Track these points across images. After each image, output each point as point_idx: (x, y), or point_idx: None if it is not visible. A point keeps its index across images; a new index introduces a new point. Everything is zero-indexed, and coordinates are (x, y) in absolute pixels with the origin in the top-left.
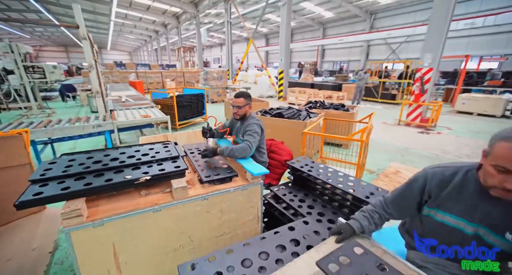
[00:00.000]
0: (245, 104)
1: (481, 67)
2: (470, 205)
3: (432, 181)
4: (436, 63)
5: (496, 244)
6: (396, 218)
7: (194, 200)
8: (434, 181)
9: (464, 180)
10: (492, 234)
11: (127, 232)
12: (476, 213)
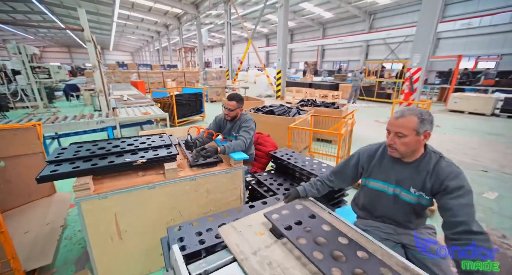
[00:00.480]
0: (237, 108)
1: (479, 67)
2: (388, 171)
3: (363, 156)
4: (425, 63)
5: (407, 198)
6: (337, 186)
7: (183, 180)
8: (364, 157)
9: (383, 152)
10: (403, 190)
11: (126, 205)
12: (392, 176)
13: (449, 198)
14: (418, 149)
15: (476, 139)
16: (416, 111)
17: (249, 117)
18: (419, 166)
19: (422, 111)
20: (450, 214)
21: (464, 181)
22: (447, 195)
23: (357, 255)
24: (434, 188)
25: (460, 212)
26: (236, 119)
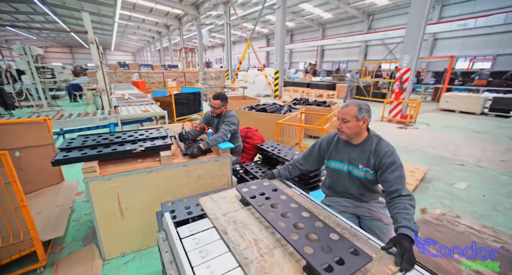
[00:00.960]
0: (221, 106)
1: (475, 67)
2: (342, 153)
3: (324, 142)
4: (414, 64)
5: (357, 174)
6: (306, 168)
7: (176, 166)
8: (325, 142)
9: (338, 138)
10: (354, 167)
11: (127, 186)
12: (345, 157)
13: (387, 173)
14: (361, 132)
15: (461, 136)
16: (356, 103)
17: (232, 113)
18: (364, 147)
19: (361, 103)
20: (388, 185)
21: (396, 158)
22: (385, 170)
23: (301, 215)
24: (375, 164)
25: (394, 183)
26: (222, 115)
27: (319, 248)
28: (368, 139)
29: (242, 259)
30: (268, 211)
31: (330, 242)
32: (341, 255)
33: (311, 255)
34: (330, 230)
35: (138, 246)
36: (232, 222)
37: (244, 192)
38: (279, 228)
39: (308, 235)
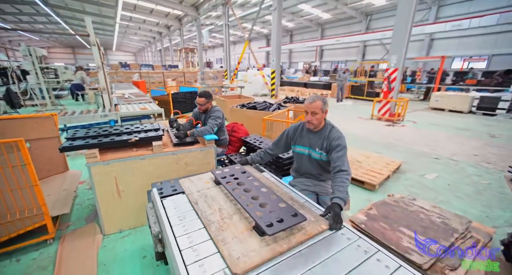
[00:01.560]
0: (206, 103)
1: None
2: (305, 138)
3: (291, 131)
4: (401, 64)
5: (315, 156)
6: (275, 154)
7: (166, 154)
8: (291, 130)
9: (302, 127)
10: (313, 151)
11: (123, 171)
12: (307, 142)
13: (333, 153)
14: (322, 122)
15: (443, 133)
16: (320, 97)
17: (217, 108)
18: (321, 133)
19: (323, 97)
20: (332, 162)
21: (342, 142)
22: (332, 151)
23: (260, 190)
24: (327, 147)
25: (337, 160)
26: (208, 111)
27: (267, 212)
28: (324, 127)
29: (206, 221)
30: (234, 188)
31: (277, 208)
32: (282, 216)
33: (259, 217)
34: (280, 201)
35: (133, 223)
36: (203, 196)
37: (217, 174)
38: (239, 199)
39: (261, 203)
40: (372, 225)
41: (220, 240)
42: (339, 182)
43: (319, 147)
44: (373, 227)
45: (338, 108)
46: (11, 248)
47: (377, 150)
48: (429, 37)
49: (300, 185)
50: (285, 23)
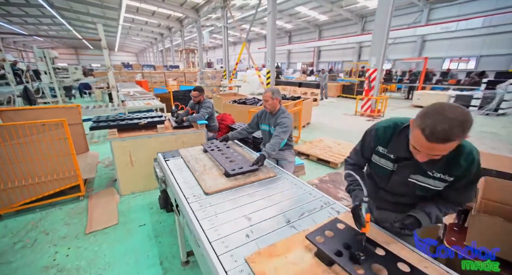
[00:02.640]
0: (198, 95)
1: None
2: (266, 119)
3: (259, 114)
4: (380, 65)
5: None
6: (250, 130)
7: (168, 135)
8: (259, 114)
9: (265, 111)
10: (271, 128)
11: (135, 146)
12: (267, 121)
13: (278, 128)
14: (276, 107)
15: None
16: (271, 89)
17: (207, 100)
18: (276, 115)
19: (274, 89)
20: (274, 136)
21: (286, 121)
22: (277, 125)
23: (234, 155)
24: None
25: (279, 129)
26: (201, 102)
27: (233, 164)
28: (278, 111)
29: (194, 171)
30: (216, 154)
31: (241, 162)
32: (243, 167)
33: (228, 166)
34: (245, 160)
35: (143, 187)
36: (194, 158)
37: (205, 145)
38: (217, 158)
39: (231, 161)
40: (321, 185)
41: (201, 179)
42: (271, 142)
43: (273, 124)
44: (321, 186)
45: (325, 106)
46: (55, 200)
47: (351, 140)
48: (421, 39)
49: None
50: (283, 25)
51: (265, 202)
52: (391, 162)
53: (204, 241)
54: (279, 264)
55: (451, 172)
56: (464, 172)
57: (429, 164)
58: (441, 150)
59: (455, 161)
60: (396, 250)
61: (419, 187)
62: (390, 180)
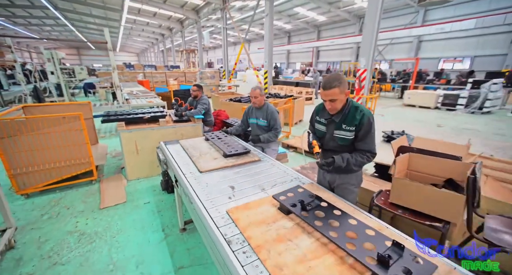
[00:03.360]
0: (197, 90)
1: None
2: (253, 113)
3: (247, 109)
4: (370, 65)
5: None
6: (244, 126)
7: (169, 127)
8: (247, 109)
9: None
10: (259, 120)
11: (140, 137)
12: (255, 115)
13: (271, 120)
14: (262, 102)
15: (401, 123)
16: (258, 87)
17: (204, 97)
18: (262, 109)
19: (260, 87)
20: (270, 125)
21: (274, 113)
22: (270, 119)
23: (231, 142)
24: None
25: (271, 123)
26: (198, 98)
27: (230, 148)
28: (264, 105)
29: (191, 156)
30: (216, 141)
31: (236, 147)
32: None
33: (226, 149)
34: (237, 144)
35: (146, 174)
36: (192, 147)
37: (207, 135)
38: (217, 144)
39: (227, 145)
40: (302, 171)
41: (197, 162)
42: (269, 133)
43: (263, 117)
44: (301, 171)
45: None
46: (72, 183)
47: None
48: (417, 39)
49: (251, 143)
50: (283, 25)
51: (246, 177)
52: (323, 125)
53: (196, 200)
54: (250, 214)
55: (353, 123)
56: (359, 123)
57: (339, 120)
58: (330, 94)
59: (353, 116)
60: (337, 204)
61: (339, 138)
62: (325, 138)
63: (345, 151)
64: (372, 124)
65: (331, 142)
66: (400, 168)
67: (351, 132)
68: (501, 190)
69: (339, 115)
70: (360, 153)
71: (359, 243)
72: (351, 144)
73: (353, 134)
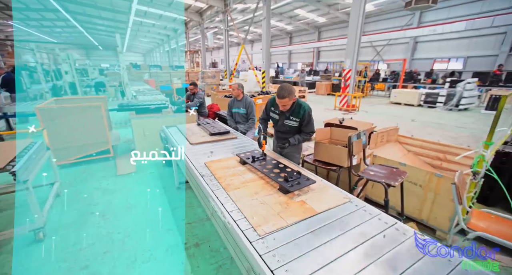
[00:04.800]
0: (193, 89)
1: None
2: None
3: (230, 102)
4: (354, 66)
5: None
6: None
7: (170, 116)
8: (230, 102)
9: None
10: (239, 109)
11: (147, 123)
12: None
13: (249, 109)
14: (240, 95)
15: (379, 117)
16: (238, 83)
17: (200, 92)
18: (241, 100)
19: (239, 83)
20: (248, 114)
21: (252, 103)
22: (248, 108)
23: (216, 125)
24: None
25: (250, 113)
26: (195, 94)
27: (215, 129)
28: (243, 97)
29: (185, 134)
30: (206, 125)
31: (219, 129)
32: (217, 129)
33: (212, 130)
34: (220, 127)
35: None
36: (187, 128)
37: (199, 120)
38: (205, 126)
39: (213, 127)
40: None
41: (188, 137)
42: (248, 121)
43: (243, 107)
44: None
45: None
46: (93, 158)
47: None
48: (413, 40)
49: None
50: (284, 26)
51: (223, 147)
52: (277, 115)
53: (185, 157)
54: (219, 164)
55: (298, 116)
56: (302, 116)
57: (288, 114)
58: (283, 103)
59: (298, 111)
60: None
61: (288, 125)
62: (277, 124)
63: (292, 132)
64: (311, 115)
65: (282, 127)
66: (323, 137)
67: (296, 122)
68: (416, 160)
69: (289, 111)
70: (304, 133)
71: (279, 175)
72: (296, 129)
73: (297, 123)
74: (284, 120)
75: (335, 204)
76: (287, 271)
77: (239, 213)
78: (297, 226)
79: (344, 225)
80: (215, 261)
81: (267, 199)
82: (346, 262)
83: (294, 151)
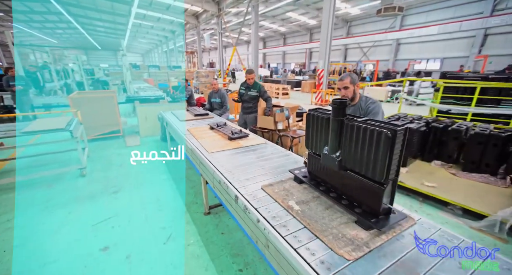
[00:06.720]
0: (184, 83)
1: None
2: (216, 95)
3: (210, 93)
4: (326, 66)
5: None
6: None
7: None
8: (209, 94)
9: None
10: (214, 99)
11: (148, 110)
12: (216, 96)
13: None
14: (217, 87)
15: None
16: (215, 79)
17: (189, 88)
18: (218, 93)
19: (217, 80)
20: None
21: (226, 96)
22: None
23: (200, 110)
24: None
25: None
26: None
27: (197, 111)
28: (219, 90)
29: (177, 116)
30: (192, 110)
31: (200, 112)
32: (201, 113)
33: (195, 112)
34: (200, 110)
35: (151, 133)
36: (179, 113)
37: (188, 108)
38: (192, 111)
39: (196, 111)
40: None
41: (180, 117)
42: (222, 108)
43: (218, 97)
44: None
45: (294, 98)
46: (107, 136)
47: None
48: (396, 42)
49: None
50: (278, 28)
51: (201, 121)
52: (243, 90)
53: (177, 129)
54: (198, 129)
55: (255, 89)
56: (259, 89)
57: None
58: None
59: (255, 86)
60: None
61: (250, 95)
62: (244, 95)
63: (255, 101)
64: (264, 88)
65: (247, 97)
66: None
67: (256, 93)
68: None
69: (250, 87)
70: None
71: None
72: (256, 97)
73: (257, 93)
74: (248, 92)
75: (256, 143)
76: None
77: None
78: None
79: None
80: None
81: None
82: None
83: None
